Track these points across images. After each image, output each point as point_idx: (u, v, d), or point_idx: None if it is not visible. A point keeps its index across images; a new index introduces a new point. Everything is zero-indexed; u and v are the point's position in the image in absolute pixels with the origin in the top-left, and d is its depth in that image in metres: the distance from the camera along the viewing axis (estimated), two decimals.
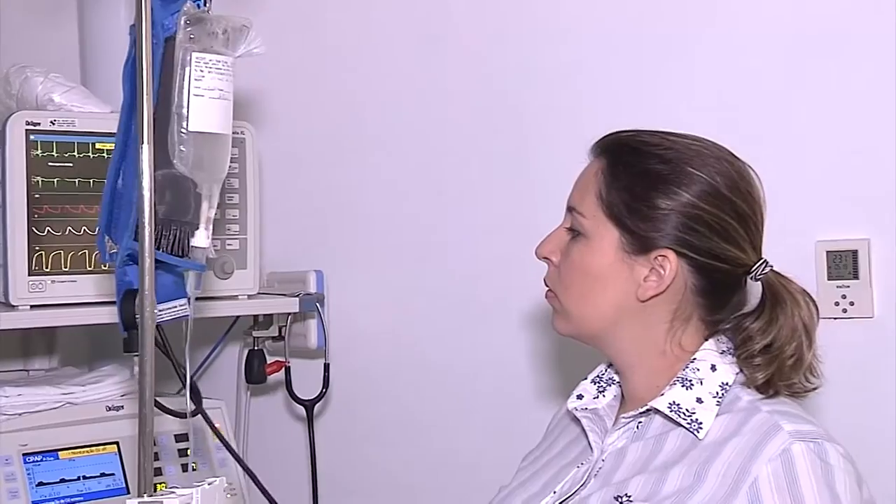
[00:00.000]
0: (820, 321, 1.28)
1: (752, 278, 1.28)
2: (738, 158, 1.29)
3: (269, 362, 2.05)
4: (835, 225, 1.65)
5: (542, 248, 1.35)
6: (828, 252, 1.66)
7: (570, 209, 1.33)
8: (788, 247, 1.36)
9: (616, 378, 1.37)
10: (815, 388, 1.28)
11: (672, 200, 1.25)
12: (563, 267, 1.32)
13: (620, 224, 1.27)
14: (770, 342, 1.25)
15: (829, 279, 1.65)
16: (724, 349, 1.28)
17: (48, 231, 1.65)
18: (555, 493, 1.31)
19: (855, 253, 1.64)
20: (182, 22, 1.19)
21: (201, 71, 1.18)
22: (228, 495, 1.77)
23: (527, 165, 1.93)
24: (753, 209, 1.28)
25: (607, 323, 1.30)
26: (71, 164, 1.67)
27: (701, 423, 1.22)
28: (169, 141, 1.18)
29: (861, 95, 1.65)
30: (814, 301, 1.27)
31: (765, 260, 1.28)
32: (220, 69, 1.19)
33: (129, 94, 1.25)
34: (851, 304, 1.64)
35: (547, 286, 1.36)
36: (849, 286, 1.64)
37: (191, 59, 1.18)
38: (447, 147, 2.02)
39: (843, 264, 1.65)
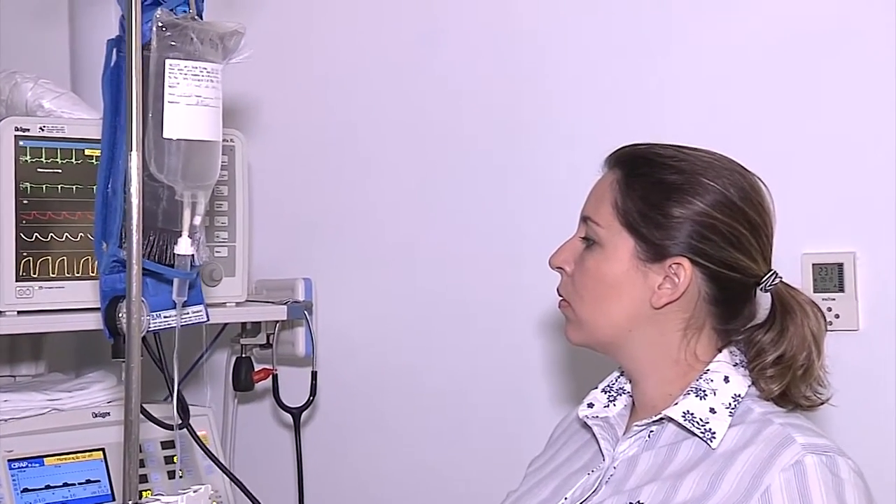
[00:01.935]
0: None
1: (762, 289, 1.30)
2: (749, 171, 1.32)
3: (256, 370, 2.06)
4: (821, 238, 1.67)
5: (556, 257, 1.37)
6: (814, 265, 1.68)
7: (584, 219, 1.35)
8: (775, 259, 1.35)
9: (627, 388, 1.39)
10: (827, 400, 1.29)
11: (686, 209, 1.27)
12: (578, 276, 1.34)
13: (635, 232, 1.29)
14: (782, 353, 1.27)
15: (814, 292, 1.66)
16: (738, 361, 1.30)
17: (36, 237, 1.65)
18: (566, 499, 1.32)
19: (841, 266, 1.66)
20: (156, 29, 1.19)
21: (175, 78, 1.18)
22: (213, 502, 1.79)
23: (516, 175, 1.94)
24: (765, 220, 1.31)
25: (621, 331, 1.31)
26: (60, 171, 1.67)
27: (714, 433, 1.24)
28: (146, 148, 1.18)
29: (849, 110, 1.67)
30: (821, 311, 1.30)
31: (774, 271, 1.30)
32: (198, 76, 1.19)
33: (110, 103, 1.26)
34: (837, 316, 1.66)
35: (560, 296, 1.37)
36: (834, 299, 1.66)
37: (164, 66, 1.18)
38: (436, 156, 2.03)
39: (829, 277, 1.67)
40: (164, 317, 1.29)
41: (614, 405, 1.38)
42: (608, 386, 1.41)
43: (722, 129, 1.70)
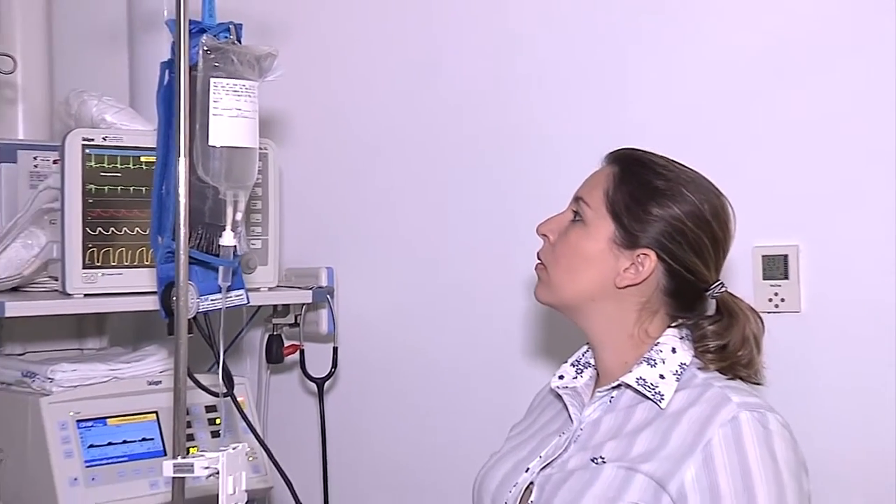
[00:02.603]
0: (765, 330, 1.42)
1: (709, 295, 1.43)
2: (723, 195, 1.44)
3: (286, 345, 2.16)
4: (769, 232, 1.76)
5: (544, 226, 1.48)
6: (763, 256, 1.78)
7: (577, 198, 1.46)
8: (731, 251, 1.46)
9: (592, 361, 1.50)
10: (762, 382, 1.43)
11: (664, 211, 1.40)
12: (559, 244, 1.44)
13: (617, 220, 1.41)
14: (725, 344, 1.40)
15: (763, 279, 1.77)
16: (683, 336, 1.43)
17: (100, 231, 1.76)
18: (540, 457, 1.43)
19: (786, 257, 1.76)
20: (202, 52, 1.26)
21: (219, 93, 1.26)
22: (249, 458, 1.84)
23: (513, 179, 2.02)
24: (726, 238, 1.43)
25: (584, 299, 1.43)
26: (120, 174, 1.77)
27: (663, 395, 1.37)
28: (193, 154, 1.25)
29: (793, 117, 1.74)
30: (760, 317, 1.43)
31: (721, 282, 1.43)
32: (238, 91, 1.27)
33: (164, 117, 1.35)
34: (782, 300, 1.77)
35: (539, 259, 1.47)
36: (780, 285, 1.77)
37: (209, 84, 1.26)
38: (442, 162, 2.11)
39: (776, 266, 1.77)
40: (211, 300, 1.37)
41: (581, 376, 1.50)
42: (576, 360, 1.52)
43: (675, 133, 1.77)
